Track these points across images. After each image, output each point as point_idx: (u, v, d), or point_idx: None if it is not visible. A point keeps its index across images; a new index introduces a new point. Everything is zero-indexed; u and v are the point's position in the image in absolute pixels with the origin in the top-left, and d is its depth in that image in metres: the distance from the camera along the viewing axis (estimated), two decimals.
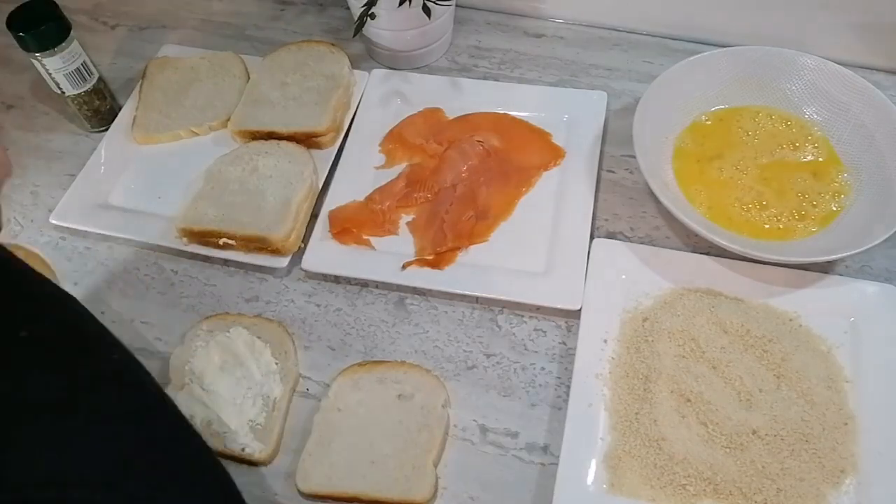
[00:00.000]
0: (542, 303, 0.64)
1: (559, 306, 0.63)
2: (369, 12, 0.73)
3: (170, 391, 0.61)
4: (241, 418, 0.59)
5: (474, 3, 0.88)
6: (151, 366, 0.55)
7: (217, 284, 0.70)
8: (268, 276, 0.70)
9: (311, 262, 0.68)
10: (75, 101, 0.78)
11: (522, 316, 0.65)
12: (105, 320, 0.67)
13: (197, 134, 0.79)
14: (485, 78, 0.82)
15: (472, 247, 0.68)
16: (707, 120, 0.73)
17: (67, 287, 0.70)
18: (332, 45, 0.82)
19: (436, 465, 0.57)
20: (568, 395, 0.59)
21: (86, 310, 0.50)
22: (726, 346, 0.59)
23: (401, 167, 0.75)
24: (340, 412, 0.59)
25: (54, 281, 0.63)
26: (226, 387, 0.60)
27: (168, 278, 0.71)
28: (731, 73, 0.72)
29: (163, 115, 0.79)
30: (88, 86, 0.78)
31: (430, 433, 0.57)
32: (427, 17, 0.74)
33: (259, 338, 0.63)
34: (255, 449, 0.58)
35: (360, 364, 0.62)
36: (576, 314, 0.63)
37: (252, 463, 0.59)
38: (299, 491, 0.57)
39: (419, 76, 0.81)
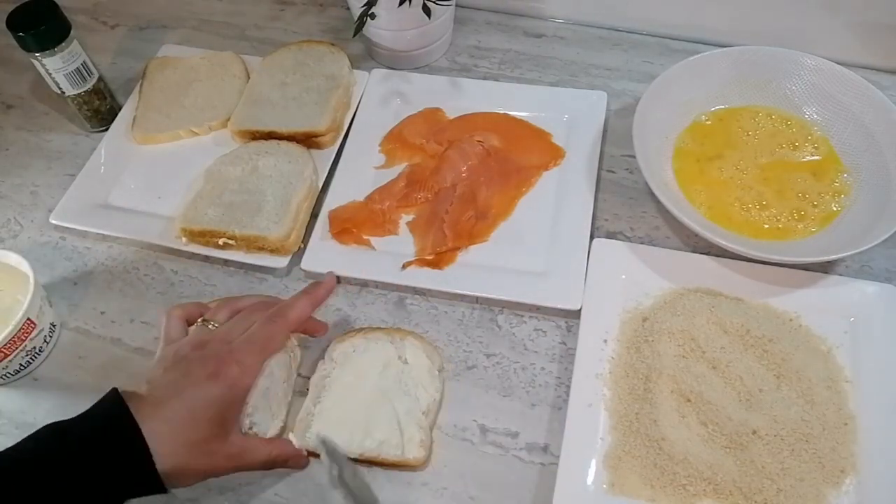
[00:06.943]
0: (542, 303, 0.64)
1: (559, 306, 0.63)
2: (369, 12, 0.73)
3: None
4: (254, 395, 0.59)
5: (474, 3, 0.88)
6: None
7: (217, 284, 0.70)
8: (268, 276, 0.70)
9: (311, 262, 0.68)
10: (75, 101, 0.78)
11: (522, 316, 0.65)
12: (105, 320, 0.68)
13: (197, 134, 0.79)
14: (485, 78, 0.82)
15: (472, 247, 0.68)
16: (707, 120, 0.73)
17: (67, 287, 0.70)
18: (332, 45, 0.82)
19: (431, 429, 0.58)
20: (568, 395, 0.59)
21: None
22: (726, 346, 0.59)
23: (401, 167, 0.75)
24: (338, 373, 0.60)
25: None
26: None
27: (168, 278, 0.71)
28: (731, 73, 0.72)
29: (163, 115, 0.79)
30: (88, 86, 0.78)
31: (428, 397, 0.59)
32: (427, 17, 0.74)
33: None
34: (261, 427, 0.58)
35: (357, 329, 0.63)
36: (576, 314, 0.63)
37: None
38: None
39: (419, 76, 0.81)
